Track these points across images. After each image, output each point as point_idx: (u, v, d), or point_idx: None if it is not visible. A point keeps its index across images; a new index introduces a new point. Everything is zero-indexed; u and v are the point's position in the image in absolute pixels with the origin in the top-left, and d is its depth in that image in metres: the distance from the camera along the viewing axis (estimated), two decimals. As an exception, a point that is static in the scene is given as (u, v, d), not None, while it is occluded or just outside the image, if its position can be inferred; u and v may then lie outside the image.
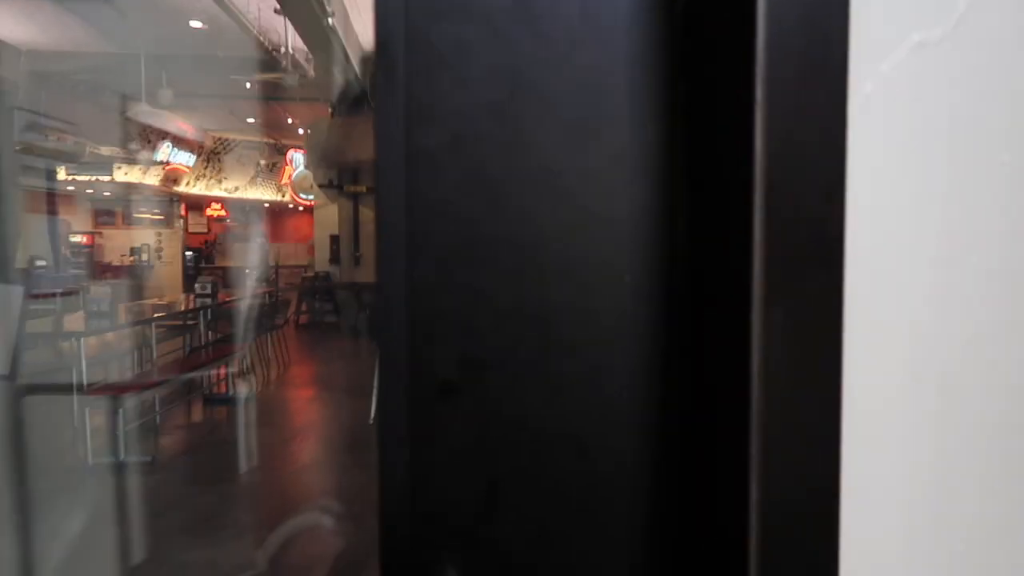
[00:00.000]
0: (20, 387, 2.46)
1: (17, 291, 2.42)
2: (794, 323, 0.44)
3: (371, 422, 5.90)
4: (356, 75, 11.46)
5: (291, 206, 23.97)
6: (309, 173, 16.57)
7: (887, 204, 0.48)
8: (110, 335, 6.03)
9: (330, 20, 8.47)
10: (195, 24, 10.06)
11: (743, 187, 0.43)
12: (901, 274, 0.49)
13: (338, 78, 10.86)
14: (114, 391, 4.87)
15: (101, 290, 5.41)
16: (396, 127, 0.48)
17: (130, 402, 4.87)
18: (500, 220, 0.48)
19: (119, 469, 4.74)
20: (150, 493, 4.29)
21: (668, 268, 0.49)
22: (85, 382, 4.95)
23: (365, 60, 12.12)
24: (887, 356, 0.48)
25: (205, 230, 23.18)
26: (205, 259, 22.25)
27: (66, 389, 5.55)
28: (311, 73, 10.73)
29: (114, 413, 4.82)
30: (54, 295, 8.70)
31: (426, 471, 0.49)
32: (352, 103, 12.66)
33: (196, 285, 7.60)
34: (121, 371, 6.86)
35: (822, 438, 0.45)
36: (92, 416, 4.93)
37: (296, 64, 10.01)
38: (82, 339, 4.80)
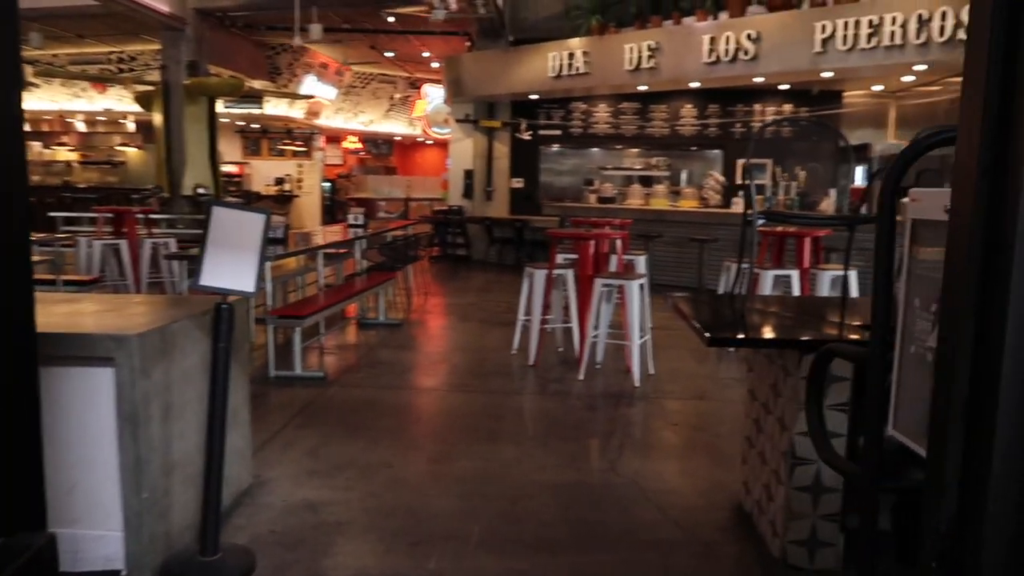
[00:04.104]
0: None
1: (259, 218, 2.68)
2: None
3: (512, 352, 6.14)
4: (497, 8, 11.45)
5: (421, 139, 24.48)
6: (444, 107, 16.83)
7: None
8: (282, 261, 6.54)
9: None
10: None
11: None
12: None
13: (480, 11, 10.90)
14: (292, 313, 5.31)
15: (277, 219, 5.85)
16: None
17: (305, 323, 5.30)
18: None
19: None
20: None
21: None
22: (269, 304, 5.42)
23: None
24: None
25: (340, 162, 24.12)
26: (340, 191, 23.22)
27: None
28: (454, 6, 10.81)
29: (292, 333, 5.27)
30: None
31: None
32: (491, 36, 12.69)
33: (349, 216, 8.02)
34: (293, 295, 7.41)
35: None
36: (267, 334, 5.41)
37: (441, -1, 10.11)
38: (266, 264, 5.24)
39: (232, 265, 2.66)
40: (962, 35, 7.75)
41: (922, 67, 8.63)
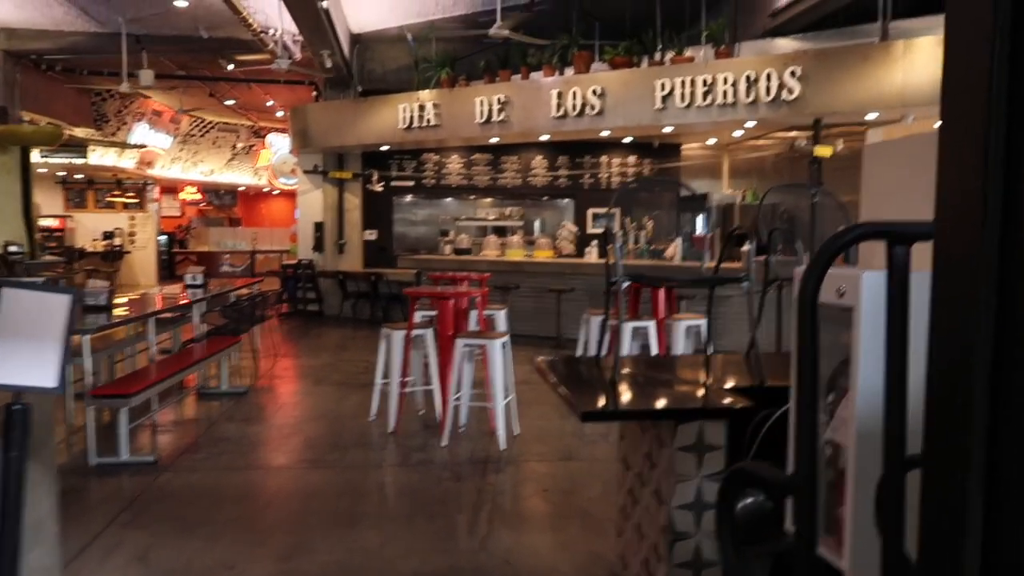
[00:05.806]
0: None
1: (63, 299, 2.26)
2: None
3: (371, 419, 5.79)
4: (344, 58, 11.21)
5: (267, 190, 23.56)
6: (290, 157, 16.24)
7: None
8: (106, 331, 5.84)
9: (324, 2, 8.24)
10: (180, 3, 9.73)
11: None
12: None
13: (326, 63, 10.61)
14: (116, 392, 4.71)
15: (99, 284, 5.20)
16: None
17: (132, 402, 4.70)
18: None
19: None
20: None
21: None
22: (90, 382, 4.78)
23: (354, 43, 11.86)
24: None
25: (179, 214, 22.71)
26: (179, 244, 21.80)
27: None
28: (298, 56, 10.46)
29: (116, 413, 4.66)
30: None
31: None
32: (339, 86, 12.40)
33: (187, 276, 7.38)
34: (121, 364, 6.66)
35: None
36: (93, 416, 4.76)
37: (284, 46, 9.75)
38: (85, 337, 4.60)
39: (29, 356, 2.22)
40: (785, 95, 8.37)
41: (751, 123, 9.23)
